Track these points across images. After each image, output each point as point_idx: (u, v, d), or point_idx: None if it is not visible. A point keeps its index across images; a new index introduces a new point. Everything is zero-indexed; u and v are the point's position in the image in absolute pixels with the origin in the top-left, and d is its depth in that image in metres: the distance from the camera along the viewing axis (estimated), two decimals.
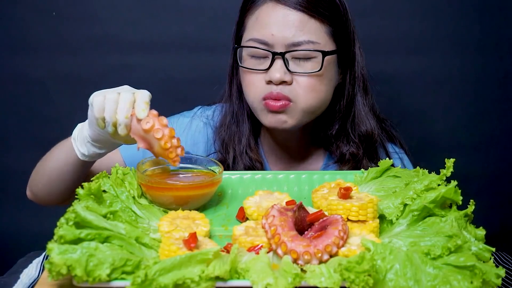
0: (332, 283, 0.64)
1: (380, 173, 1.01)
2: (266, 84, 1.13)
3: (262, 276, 0.66)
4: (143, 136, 0.91)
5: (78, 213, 0.74)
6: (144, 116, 0.90)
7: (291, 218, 0.78)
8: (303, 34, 1.10)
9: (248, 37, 1.14)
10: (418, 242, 0.77)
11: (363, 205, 0.83)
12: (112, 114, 0.92)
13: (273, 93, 1.11)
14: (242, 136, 1.24)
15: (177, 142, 0.92)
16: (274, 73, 1.10)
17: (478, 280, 0.65)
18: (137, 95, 0.93)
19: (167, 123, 0.91)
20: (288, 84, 1.12)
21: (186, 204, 0.93)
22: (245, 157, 1.22)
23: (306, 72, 1.11)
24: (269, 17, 1.12)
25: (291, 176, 1.07)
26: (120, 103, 0.91)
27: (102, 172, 0.92)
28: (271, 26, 1.11)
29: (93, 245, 0.70)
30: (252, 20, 1.15)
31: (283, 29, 1.10)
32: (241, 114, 1.25)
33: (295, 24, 1.10)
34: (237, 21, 1.21)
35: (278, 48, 1.11)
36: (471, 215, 0.82)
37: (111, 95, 0.92)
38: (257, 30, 1.13)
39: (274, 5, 1.12)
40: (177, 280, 0.65)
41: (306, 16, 1.10)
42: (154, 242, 0.79)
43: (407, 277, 0.67)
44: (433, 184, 0.88)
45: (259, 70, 1.13)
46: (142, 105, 0.91)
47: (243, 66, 1.16)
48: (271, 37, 1.10)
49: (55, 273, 0.66)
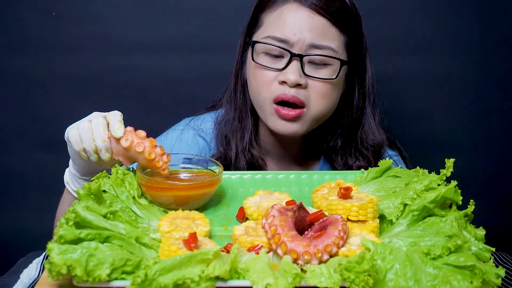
0: (332, 283, 0.64)
1: (380, 173, 1.01)
2: (279, 84, 1.11)
3: (262, 276, 0.66)
4: (126, 154, 0.93)
5: (78, 213, 0.74)
6: (120, 134, 0.91)
7: (291, 218, 0.78)
8: (325, 39, 1.10)
9: (265, 34, 1.13)
10: (418, 242, 0.77)
11: (363, 205, 0.83)
12: (89, 142, 0.93)
13: (287, 95, 1.10)
14: (245, 132, 1.23)
15: (161, 150, 0.93)
16: (290, 74, 1.09)
17: (478, 280, 0.65)
18: (109, 117, 0.94)
19: (145, 135, 0.92)
20: (303, 87, 1.11)
21: (186, 204, 0.93)
22: (248, 153, 1.22)
23: (322, 78, 1.11)
24: (292, 17, 1.11)
25: (291, 176, 1.07)
26: (94, 129, 0.93)
27: (102, 172, 0.92)
28: (294, 25, 1.10)
29: (93, 245, 0.71)
30: (272, 18, 1.13)
31: (305, 30, 1.09)
32: (245, 110, 1.23)
33: (318, 28, 1.10)
34: (250, 16, 1.19)
35: (297, 49, 1.10)
36: (471, 215, 0.82)
37: (83, 124, 0.94)
38: (278, 28, 1.11)
39: (298, 6, 1.11)
40: (177, 280, 0.65)
41: (329, 23, 1.11)
42: (154, 242, 0.79)
43: (407, 277, 0.67)
44: (433, 184, 0.88)
45: (274, 68, 1.12)
46: (116, 125, 0.92)
47: (257, 62, 1.14)
48: (293, 36, 1.10)
49: (55, 273, 0.66)
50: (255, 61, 1.14)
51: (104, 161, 0.95)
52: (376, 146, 1.22)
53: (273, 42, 1.11)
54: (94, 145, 0.93)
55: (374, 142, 1.22)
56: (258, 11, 1.17)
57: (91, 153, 0.94)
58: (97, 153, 0.94)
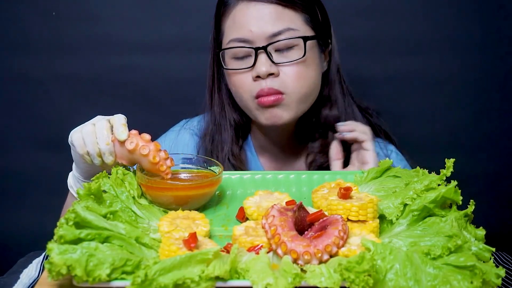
0: (332, 283, 0.64)
1: (380, 173, 1.01)
2: (254, 81, 1.13)
3: (262, 276, 0.66)
4: (130, 157, 0.93)
5: (78, 213, 0.74)
6: (125, 137, 0.91)
7: (291, 218, 0.78)
8: (281, 23, 1.12)
9: (227, 39, 1.16)
10: (418, 242, 0.77)
11: (363, 205, 0.83)
12: (93, 146, 0.93)
13: (264, 89, 1.12)
14: (224, 144, 1.25)
15: (165, 154, 0.93)
16: (260, 67, 1.11)
17: (478, 280, 0.65)
18: (113, 120, 0.94)
19: (149, 139, 0.92)
20: (276, 76, 1.13)
21: (186, 204, 0.93)
22: (228, 164, 1.24)
23: (291, 61, 1.12)
24: (244, 15, 1.13)
25: (291, 176, 1.07)
26: (98, 133, 0.92)
27: (102, 172, 0.92)
28: (248, 23, 1.12)
29: (93, 245, 0.71)
30: (229, 22, 1.16)
31: (260, 23, 1.11)
32: (223, 123, 1.26)
33: (272, 16, 1.12)
34: (213, 28, 1.22)
35: (259, 43, 1.12)
36: (471, 215, 0.82)
37: (87, 128, 0.94)
38: (235, 30, 1.14)
39: (247, 3, 1.13)
40: (177, 280, 0.65)
41: (280, 7, 1.12)
42: (154, 242, 0.79)
43: (407, 277, 0.67)
44: (433, 184, 0.87)
45: (245, 68, 1.14)
46: (120, 128, 0.92)
47: (228, 68, 1.17)
48: (251, 34, 1.12)
49: (55, 273, 0.66)
50: (226, 68, 1.18)
51: (107, 165, 0.95)
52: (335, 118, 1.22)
53: (235, 44, 1.14)
54: (98, 148, 0.93)
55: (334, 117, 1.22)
56: (218, 20, 1.20)
57: (95, 156, 0.94)
58: (100, 157, 0.94)
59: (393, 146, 1.32)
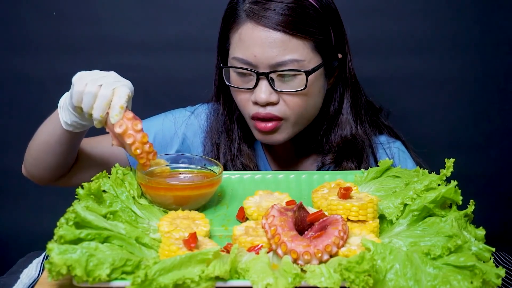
0: (332, 283, 0.64)
1: (380, 173, 1.01)
2: (253, 104, 1.11)
3: (262, 276, 0.66)
4: (117, 136, 0.91)
5: (78, 213, 0.74)
6: (116, 121, 0.89)
7: (291, 218, 0.78)
8: (287, 53, 1.07)
9: (232, 55, 1.12)
10: (418, 242, 0.77)
11: (363, 205, 0.83)
12: (88, 108, 0.91)
13: (261, 114, 1.10)
14: (232, 143, 1.24)
15: (150, 148, 0.91)
16: (260, 94, 1.08)
17: (478, 280, 0.65)
18: (116, 94, 0.91)
19: (140, 129, 0.90)
20: (275, 104, 1.10)
21: (186, 204, 0.93)
22: (238, 162, 1.22)
23: (292, 91, 1.09)
24: (250, 38, 1.08)
25: (291, 176, 1.07)
26: (97, 101, 0.90)
27: (102, 172, 0.93)
28: (253, 47, 1.08)
29: (93, 245, 0.71)
30: (236, 38, 1.12)
31: (265, 50, 1.07)
32: (231, 121, 1.24)
33: (278, 44, 1.07)
34: (220, 31, 1.17)
35: (262, 68, 1.08)
36: (471, 215, 0.82)
37: (91, 88, 0.90)
38: (240, 50, 1.10)
39: (254, 26, 1.08)
40: (177, 280, 0.65)
41: (287, 35, 1.07)
42: (154, 242, 0.79)
43: (407, 277, 0.67)
44: (433, 184, 0.88)
45: (245, 89, 1.11)
46: (116, 110, 0.89)
47: (230, 84, 1.14)
48: (254, 58, 1.08)
49: (55, 273, 0.66)
50: (228, 84, 1.15)
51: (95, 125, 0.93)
52: (345, 139, 1.20)
53: (238, 64, 1.10)
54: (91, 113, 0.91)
55: (344, 135, 1.20)
56: (227, 27, 1.15)
57: (86, 114, 0.92)
58: (91, 118, 0.92)
59: (399, 143, 1.29)
